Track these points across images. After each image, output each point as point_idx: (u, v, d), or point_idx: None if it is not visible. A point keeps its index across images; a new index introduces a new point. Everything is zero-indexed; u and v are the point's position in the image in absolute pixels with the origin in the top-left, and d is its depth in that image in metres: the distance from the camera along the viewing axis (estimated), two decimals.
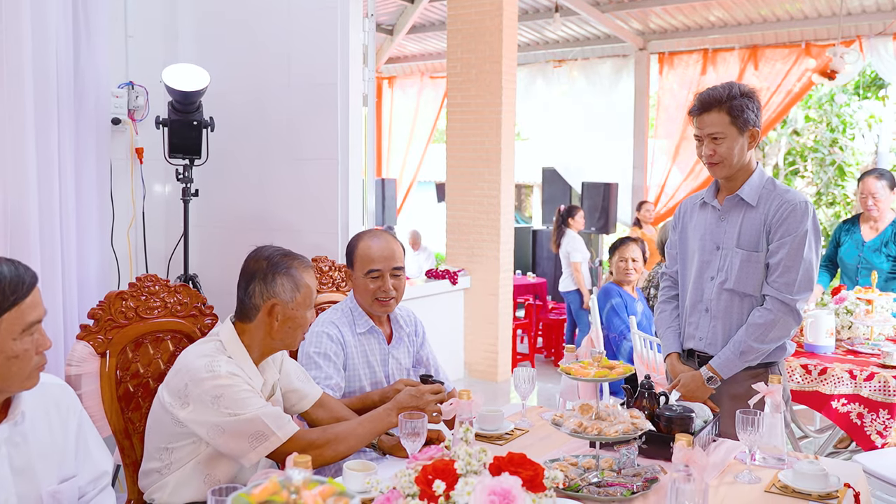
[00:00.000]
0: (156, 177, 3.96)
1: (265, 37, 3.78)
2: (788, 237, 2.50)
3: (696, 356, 2.69)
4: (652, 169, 9.53)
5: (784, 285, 2.50)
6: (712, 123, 2.52)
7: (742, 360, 2.54)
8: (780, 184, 2.62)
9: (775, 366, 2.65)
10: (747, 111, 2.50)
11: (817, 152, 11.55)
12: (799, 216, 2.50)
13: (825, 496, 1.93)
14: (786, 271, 2.50)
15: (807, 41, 8.46)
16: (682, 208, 2.84)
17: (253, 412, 1.99)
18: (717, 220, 2.64)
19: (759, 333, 2.51)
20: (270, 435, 2.00)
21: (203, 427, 2.02)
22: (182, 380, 2.04)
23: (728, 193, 2.62)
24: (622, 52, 9.55)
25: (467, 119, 6.48)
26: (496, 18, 6.26)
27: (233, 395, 2.00)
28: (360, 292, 2.58)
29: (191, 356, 2.09)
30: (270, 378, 2.23)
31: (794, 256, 2.49)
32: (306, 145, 3.69)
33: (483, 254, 6.49)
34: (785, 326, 2.52)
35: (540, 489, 1.44)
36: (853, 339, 3.85)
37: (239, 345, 2.13)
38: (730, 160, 2.54)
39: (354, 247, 2.59)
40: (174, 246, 3.84)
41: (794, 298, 2.50)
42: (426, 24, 9.41)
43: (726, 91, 2.51)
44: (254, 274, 2.15)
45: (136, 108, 3.84)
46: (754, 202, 2.56)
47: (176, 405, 2.04)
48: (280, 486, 1.16)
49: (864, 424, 3.37)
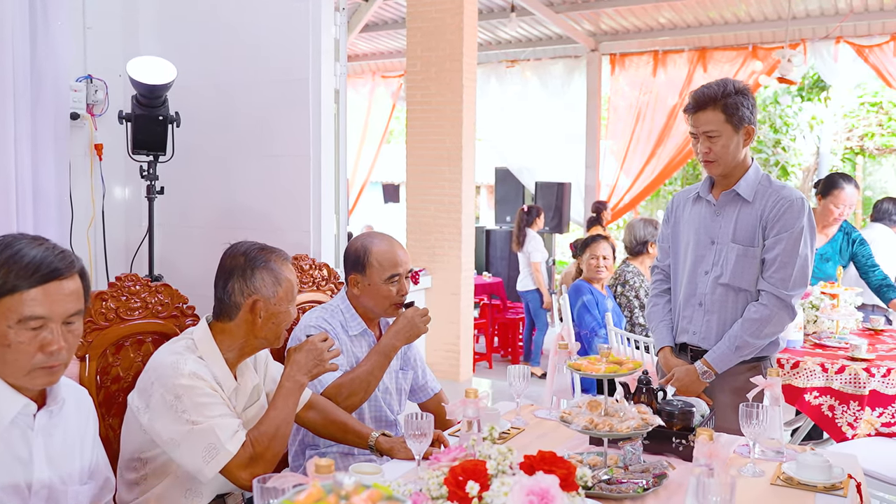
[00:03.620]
0: (116, 174, 3.80)
1: (233, 29, 3.66)
2: (785, 233, 2.51)
3: (690, 350, 2.69)
4: (603, 169, 9.64)
5: (780, 281, 2.51)
6: (707, 121, 2.52)
7: (737, 355, 2.55)
8: (775, 180, 2.63)
9: (768, 360, 2.68)
10: (742, 108, 2.50)
11: (761, 153, 11.84)
12: (796, 213, 2.52)
13: (830, 487, 1.94)
14: (782, 267, 2.51)
15: (754, 44, 8.66)
16: (675, 202, 2.83)
17: (208, 423, 1.89)
18: (713, 215, 2.64)
19: (754, 328, 2.52)
20: (220, 448, 1.89)
21: (160, 439, 1.93)
22: (149, 378, 1.96)
23: (723, 189, 2.63)
24: (574, 52, 9.63)
25: (427, 118, 6.43)
26: (456, 17, 6.23)
27: (192, 399, 1.90)
28: (375, 298, 2.50)
29: (161, 354, 2.01)
30: (249, 381, 2.14)
31: (791, 252, 2.50)
32: (277, 141, 3.59)
33: (444, 253, 6.45)
34: (780, 322, 2.54)
35: (573, 488, 1.40)
36: (819, 333, 3.93)
37: (212, 345, 2.04)
38: (725, 158, 2.54)
39: (367, 252, 2.50)
40: (137, 246, 3.69)
41: (790, 294, 2.52)
42: (379, 23, 9.32)
43: (721, 89, 2.50)
44: (232, 271, 2.06)
45: (95, 102, 3.68)
46: (750, 198, 2.57)
47: (141, 408, 1.94)
48: (324, 491, 1.10)
49: (835, 416, 3.43)
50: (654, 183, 9.45)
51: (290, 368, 2.07)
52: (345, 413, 2.33)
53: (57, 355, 1.54)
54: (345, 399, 2.37)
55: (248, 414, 2.13)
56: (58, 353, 1.54)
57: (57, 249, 1.55)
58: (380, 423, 2.54)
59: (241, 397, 2.10)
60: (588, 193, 9.58)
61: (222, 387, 2.00)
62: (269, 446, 1.95)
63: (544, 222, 8.37)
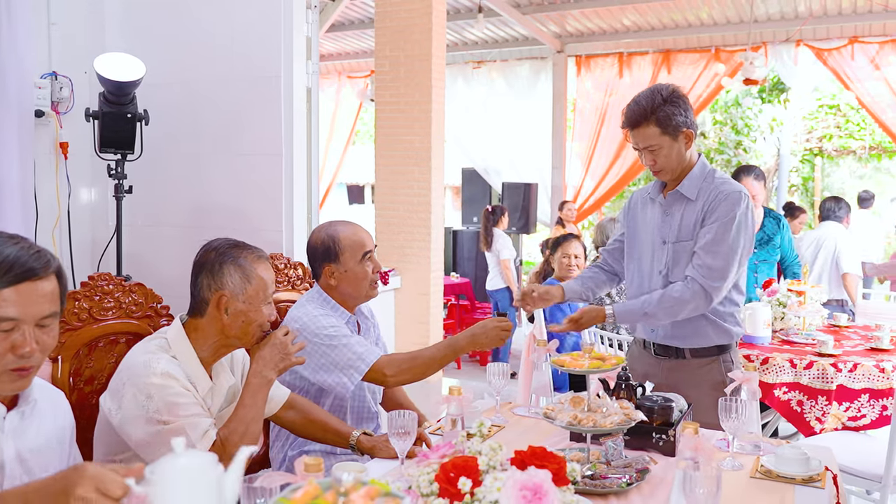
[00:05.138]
0: (82, 173, 3.72)
1: (202, 26, 3.61)
2: (716, 223, 2.50)
3: (653, 346, 2.73)
4: (569, 170, 9.71)
5: (706, 269, 2.49)
6: (645, 137, 2.52)
7: (643, 320, 2.58)
8: (720, 175, 2.63)
9: (727, 350, 2.69)
10: (675, 117, 2.49)
11: (723, 154, 12.05)
12: (730, 204, 2.51)
13: (808, 479, 1.97)
14: (708, 255, 2.49)
15: (716, 47, 8.80)
16: (633, 200, 2.85)
17: (179, 422, 1.86)
18: (662, 215, 2.66)
19: (670, 305, 2.51)
20: (191, 448, 1.85)
21: (131, 441, 1.89)
22: (122, 378, 1.92)
23: (671, 189, 2.65)
24: (540, 54, 9.69)
25: (396, 118, 6.41)
26: (425, 17, 6.22)
27: (164, 398, 1.86)
28: (354, 281, 2.48)
29: (134, 353, 1.97)
30: (224, 382, 2.10)
31: (720, 241, 2.49)
32: (249, 140, 3.55)
33: (414, 253, 6.43)
34: (696, 309, 2.53)
35: (564, 482, 1.40)
36: (787, 329, 3.99)
37: (186, 343, 2.00)
38: (670, 166, 2.56)
39: (335, 239, 2.48)
40: (104, 246, 3.62)
41: (713, 285, 2.49)
42: (345, 23, 9.27)
43: (650, 103, 2.49)
44: (202, 266, 2.03)
45: (60, 100, 3.61)
46: (694, 196, 2.58)
47: (113, 410, 1.90)
48: (321, 489, 1.08)
49: (803, 411, 3.49)
50: (618, 184, 9.54)
51: (256, 365, 2.03)
52: (325, 412, 2.31)
53: (29, 358, 1.48)
54: (394, 374, 2.38)
55: (224, 415, 2.09)
56: (30, 356, 1.48)
57: (33, 248, 1.50)
58: (361, 416, 2.52)
59: (216, 398, 2.06)
60: (554, 194, 9.63)
61: (196, 387, 1.96)
62: (240, 443, 1.91)
63: (510, 222, 8.41)
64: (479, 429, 1.52)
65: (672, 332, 2.65)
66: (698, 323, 2.61)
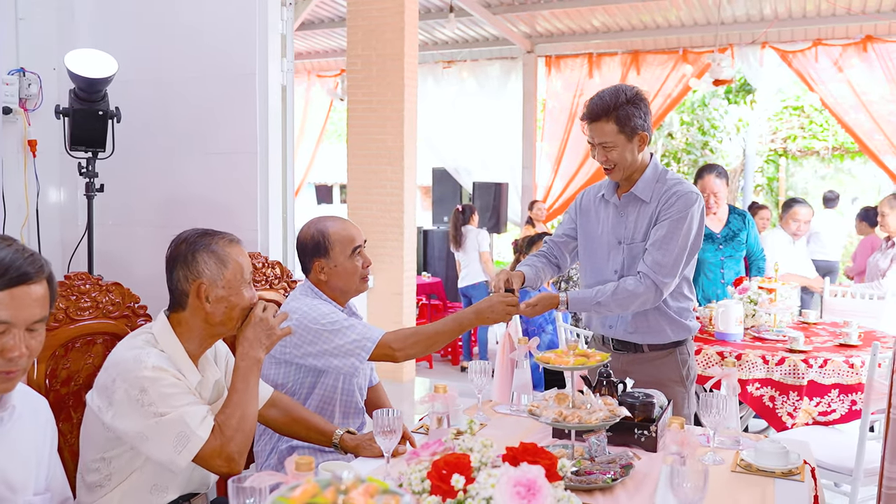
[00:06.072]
0: (51, 171, 3.65)
1: (176, 22, 3.55)
2: (667, 220, 2.55)
3: (612, 342, 2.76)
4: (539, 170, 9.75)
5: (656, 265, 2.53)
6: (602, 133, 2.55)
7: (594, 308, 2.59)
8: (672, 176, 2.67)
9: (684, 344, 2.74)
10: (634, 119, 2.53)
11: (690, 154, 12.21)
12: (682, 204, 2.56)
13: (788, 473, 2.00)
14: (659, 252, 2.53)
15: (684, 48, 8.91)
16: (586, 196, 2.85)
17: (177, 412, 1.84)
18: (617, 216, 2.69)
19: (623, 298, 2.54)
20: (192, 435, 1.84)
21: (127, 435, 1.86)
22: (110, 375, 1.88)
23: (625, 190, 2.68)
24: (510, 54, 9.72)
25: (369, 117, 6.40)
26: (398, 16, 6.21)
27: (158, 390, 1.84)
28: (343, 276, 2.47)
29: (121, 350, 1.93)
30: (211, 376, 2.08)
31: (671, 238, 2.53)
32: (223, 138, 3.50)
33: (387, 253, 6.42)
34: (646, 303, 2.57)
35: (556, 478, 1.41)
36: (758, 326, 4.05)
37: (172, 338, 1.97)
38: (622, 165, 2.59)
39: (325, 235, 2.46)
40: (74, 245, 3.55)
41: (664, 280, 2.54)
42: (315, 22, 9.21)
43: (613, 100, 2.52)
44: (175, 259, 2.00)
45: (28, 96, 3.52)
46: (648, 198, 2.62)
47: (103, 407, 1.87)
48: (320, 487, 1.07)
49: (775, 407, 3.55)
50: (587, 184, 9.56)
51: (242, 347, 2.00)
52: (308, 411, 2.29)
53: (16, 361, 1.46)
54: (402, 348, 2.36)
55: (214, 409, 2.07)
56: (18, 360, 1.46)
57: (27, 252, 1.47)
58: (349, 411, 2.51)
59: (205, 391, 2.04)
60: (525, 194, 9.67)
61: (187, 379, 1.94)
62: (238, 428, 1.90)
63: (480, 221, 8.42)
64: (469, 426, 1.52)
65: (631, 328, 2.70)
66: (655, 321, 2.67)
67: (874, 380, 3.00)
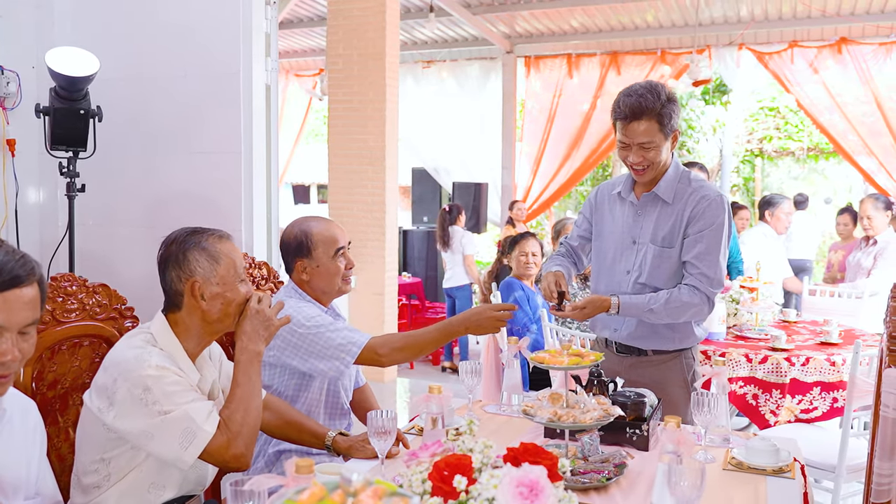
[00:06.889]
0: (30, 171, 3.59)
1: (158, 21, 3.51)
2: (707, 230, 2.53)
3: (615, 345, 2.74)
4: (519, 170, 9.77)
5: (706, 279, 2.52)
6: (644, 132, 2.47)
7: (644, 316, 2.55)
8: (694, 178, 2.65)
9: (689, 351, 2.73)
10: (674, 116, 2.51)
11: None
12: (715, 209, 2.54)
13: (778, 470, 2.02)
14: (704, 264, 2.52)
15: (662, 49, 8.96)
16: (601, 194, 2.81)
17: (181, 409, 1.83)
18: (634, 215, 2.65)
19: (676, 307, 2.52)
20: (198, 430, 1.83)
21: (131, 434, 1.84)
22: (111, 375, 1.86)
23: (644, 189, 2.63)
24: (490, 54, 9.73)
25: (350, 116, 6.37)
26: (379, 15, 6.19)
27: (162, 388, 1.83)
28: (325, 276, 2.46)
29: (120, 350, 1.91)
30: (209, 375, 2.06)
31: (713, 250, 2.53)
32: (207, 137, 3.47)
33: (369, 253, 6.40)
34: (699, 314, 2.58)
35: (557, 478, 1.41)
36: (740, 325, 4.10)
37: (171, 337, 1.96)
38: (656, 165, 2.54)
39: (308, 235, 2.45)
40: (54, 247, 3.50)
41: (714, 292, 2.55)
42: (294, 21, 9.16)
43: (655, 97, 2.46)
44: (167, 260, 1.99)
45: (6, 95, 3.48)
46: (670, 199, 2.58)
47: (104, 408, 1.85)
48: (327, 490, 1.06)
49: (758, 405, 3.59)
50: (566, 184, 9.62)
51: (241, 341, 1.99)
52: (300, 413, 2.28)
53: (9, 365, 1.44)
54: (388, 354, 2.38)
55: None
56: (10, 364, 1.44)
57: (17, 254, 1.45)
58: (335, 413, 2.49)
59: (204, 391, 2.02)
60: (504, 194, 9.69)
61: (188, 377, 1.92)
62: (244, 422, 1.90)
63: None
64: (469, 427, 1.52)
65: (636, 333, 2.67)
66: (661, 327, 2.63)
67: (856, 377, 3.04)
